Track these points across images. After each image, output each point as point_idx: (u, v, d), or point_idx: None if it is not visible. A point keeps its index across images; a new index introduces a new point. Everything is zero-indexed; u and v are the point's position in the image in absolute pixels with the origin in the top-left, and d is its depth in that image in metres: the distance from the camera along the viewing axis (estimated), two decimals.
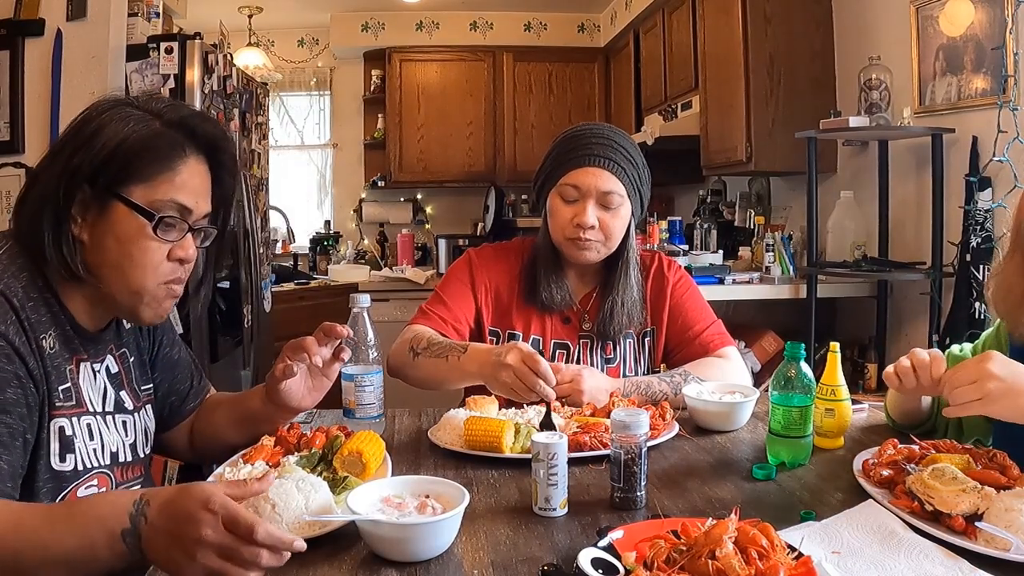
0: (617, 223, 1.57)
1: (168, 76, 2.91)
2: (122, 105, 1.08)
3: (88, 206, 1.04)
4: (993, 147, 2.24)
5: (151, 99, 1.12)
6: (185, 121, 1.10)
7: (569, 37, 5.18)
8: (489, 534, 0.99)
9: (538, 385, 1.30)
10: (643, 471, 1.07)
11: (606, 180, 1.54)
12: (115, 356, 1.18)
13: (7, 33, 2.84)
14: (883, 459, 1.13)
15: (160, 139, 1.06)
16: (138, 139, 1.04)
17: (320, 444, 1.18)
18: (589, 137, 1.57)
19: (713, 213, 3.94)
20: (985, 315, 2.29)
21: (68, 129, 1.07)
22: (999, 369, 1.06)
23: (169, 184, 1.06)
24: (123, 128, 1.04)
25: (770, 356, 2.88)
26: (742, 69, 3.09)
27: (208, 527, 0.80)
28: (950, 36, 2.44)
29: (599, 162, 1.54)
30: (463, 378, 1.48)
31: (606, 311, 1.61)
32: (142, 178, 1.04)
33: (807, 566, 0.81)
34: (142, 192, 1.04)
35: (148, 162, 1.05)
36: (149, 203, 1.05)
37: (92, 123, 1.05)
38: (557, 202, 1.57)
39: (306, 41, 5.33)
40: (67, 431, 1.05)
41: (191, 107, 1.18)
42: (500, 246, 1.75)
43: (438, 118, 5.00)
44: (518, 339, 1.61)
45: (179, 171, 1.07)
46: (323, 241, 5.12)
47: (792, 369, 1.21)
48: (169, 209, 1.06)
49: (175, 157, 1.07)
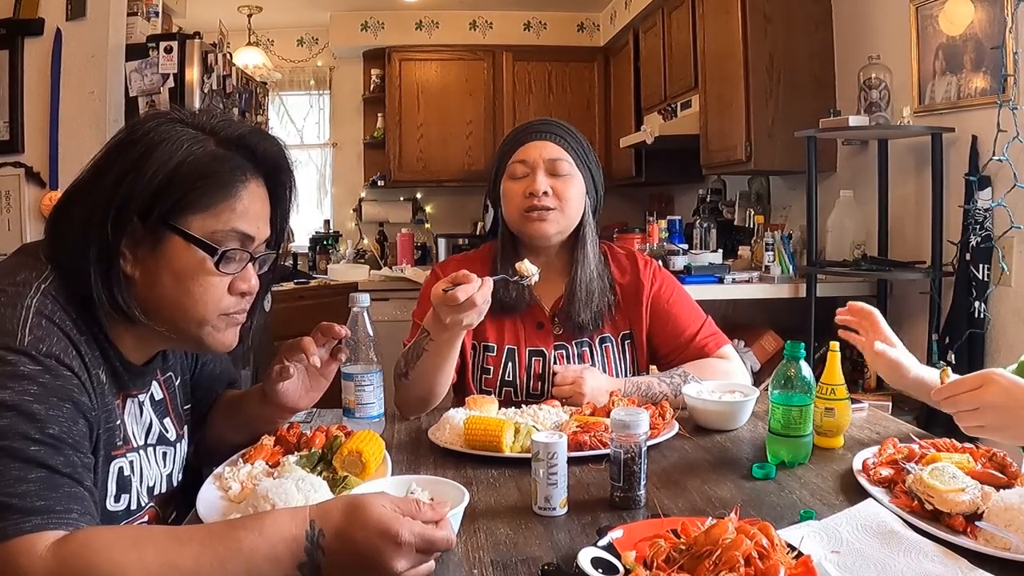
0: (570, 190, 1.56)
1: (167, 75, 2.92)
2: (170, 122, 0.97)
3: (140, 240, 0.94)
4: (993, 146, 2.24)
5: (201, 114, 1.00)
6: (244, 140, 1.00)
7: (569, 36, 5.18)
8: (489, 534, 0.99)
9: (460, 292, 1.26)
10: (643, 470, 1.07)
11: (551, 149, 1.57)
12: (160, 382, 1.12)
13: (7, 32, 2.84)
14: (883, 458, 1.13)
15: (219, 163, 0.96)
16: (195, 163, 0.94)
17: (320, 444, 1.18)
18: (527, 125, 1.64)
19: (713, 212, 3.94)
20: (984, 314, 2.30)
21: (110, 148, 0.96)
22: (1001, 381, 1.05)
23: (231, 212, 0.96)
24: (177, 151, 0.93)
25: (770, 355, 2.88)
26: (742, 68, 3.09)
27: (401, 559, 0.80)
28: (950, 35, 2.44)
29: (541, 136, 1.59)
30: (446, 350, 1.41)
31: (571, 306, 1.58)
32: (201, 207, 0.94)
33: (807, 566, 0.81)
34: (200, 223, 0.95)
35: (207, 190, 0.95)
36: (209, 235, 0.95)
37: (139, 144, 0.94)
38: (508, 183, 1.60)
39: (305, 40, 5.33)
40: (124, 471, 1.00)
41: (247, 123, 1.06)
42: (466, 256, 1.74)
43: (438, 117, 5.00)
44: (492, 351, 1.61)
45: (241, 197, 0.97)
46: (323, 240, 5.12)
47: (792, 368, 1.21)
48: (231, 240, 0.97)
49: (236, 182, 0.97)
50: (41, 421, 0.83)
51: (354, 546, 0.81)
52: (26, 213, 2.90)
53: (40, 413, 0.83)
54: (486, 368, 1.62)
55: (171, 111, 1.01)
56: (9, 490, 0.78)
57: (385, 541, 0.80)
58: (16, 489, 0.78)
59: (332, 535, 0.82)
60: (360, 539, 0.81)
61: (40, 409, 0.83)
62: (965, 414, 1.07)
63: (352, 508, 0.83)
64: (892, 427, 1.43)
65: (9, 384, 0.82)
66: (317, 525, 0.82)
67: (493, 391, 1.61)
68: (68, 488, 0.83)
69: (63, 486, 0.82)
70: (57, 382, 0.86)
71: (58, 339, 0.89)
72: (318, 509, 0.84)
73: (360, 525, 0.81)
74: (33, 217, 2.90)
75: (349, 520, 0.82)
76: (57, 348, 0.88)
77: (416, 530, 0.82)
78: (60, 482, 0.82)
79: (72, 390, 0.88)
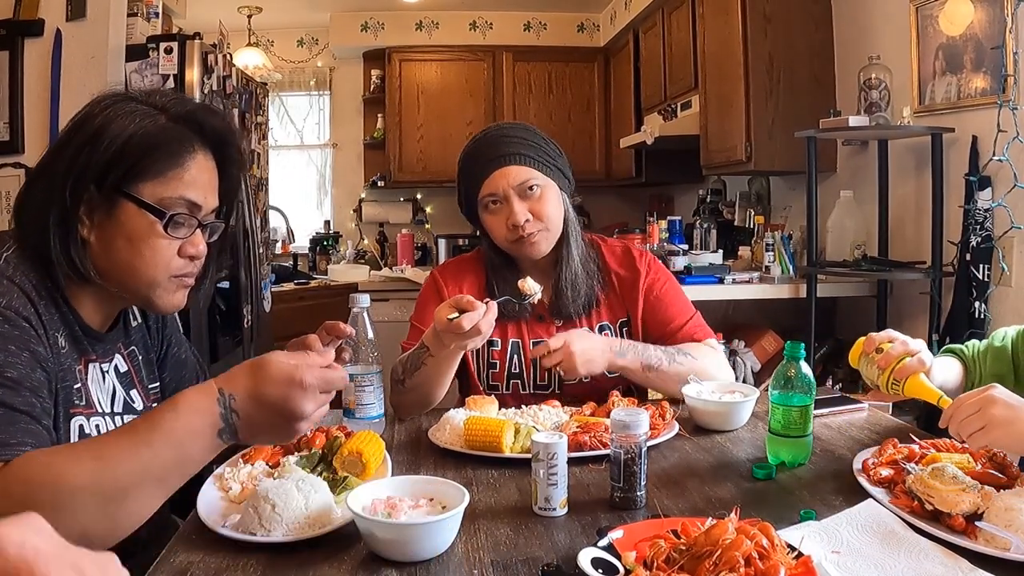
0: (548, 207, 1.56)
1: (167, 76, 2.91)
2: (125, 100, 1.05)
3: (95, 207, 1.01)
4: (993, 146, 2.24)
5: (153, 93, 1.08)
6: (192, 115, 1.07)
7: (569, 37, 5.18)
8: (489, 534, 0.99)
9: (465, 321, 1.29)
10: (643, 471, 1.07)
11: (516, 173, 1.54)
12: (123, 355, 1.17)
13: (7, 33, 2.84)
14: (883, 459, 1.13)
15: (168, 134, 1.04)
16: (145, 135, 1.01)
17: (320, 444, 1.19)
18: (482, 147, 1.58)
19: (713, 213, 3.94)
20: (985, 314, 2.30)
21: (69, 127, 1.04)
22: (1001, 395, 1.05)
23: (179, 181, 1.04)
24: (129, 124, 1.01)
25: (770, 356, 2.88)
26: (742, 69, 3.09)
27: (308, 402, 0.90)
28: (950, 35, 2.44)
29: (501, 161, 1.55)
30: (445, 366, 1.45)
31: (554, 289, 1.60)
32: (151, 175, 1.02)
33: (807, 566, 0.81)
34: (151, 190, 1.02)
35: (157, 159, 1.02)
36: (158, 200, 1.02)
37: (95, 120, 1.02)
38: (487, 216, 1.59)
39: (305, 41, 5.33)
40: (85, 430, 1.04)
41: (196, 100, 1.15)
42: (463, 258, 1.75)
43: (438, 118, 5.00)
44: (496, 345, 1.62)
45: (188, 167, 1.05)
46: (323, 241, 5.12)
47: (792, 368, 1.21)
48: (179, 206, 1.04)
49: (184, 152, 1.05)
50: (0, 364, 0.88)
51: (264, 400, 0.90)
52: None
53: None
54: (492, 363, 1.63)
55: (127, 91, 1.08)
56: None
57: (292, 388, 0.90)
58: None
59: (243, 396, 0.90)
60: (269, 393, 0.90)
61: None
62: (974, 435, 1.05)
63: (255, 367, 0.92)
64: (892, 427, 1.43)
65: None
66: (227, 391, 0.90)
67: (501, 385, 1.62)
68: (24, 424, 0.89)
69: (20, 422, 0.88)
70: (15, 332, 0.93)
71: (18, 295, 0.96)
72: (222, 378, 0.92)
73: (267, 380, 0.90)
74: None
75: (255, 379, 0.90)
76: (17, 303, 0.95)
77: (316, 373, 0.91)
78: (17, 419, 0.88)
79: (30, 340, 0.94)
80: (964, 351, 1.41)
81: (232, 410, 0.89)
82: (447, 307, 1.34)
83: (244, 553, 0.93)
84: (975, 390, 1.09)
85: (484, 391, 1.61)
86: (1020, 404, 1.04)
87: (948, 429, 1.09)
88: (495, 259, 1.64)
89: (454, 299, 1.34)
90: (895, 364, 1.23)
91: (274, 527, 0.95)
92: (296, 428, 0.92)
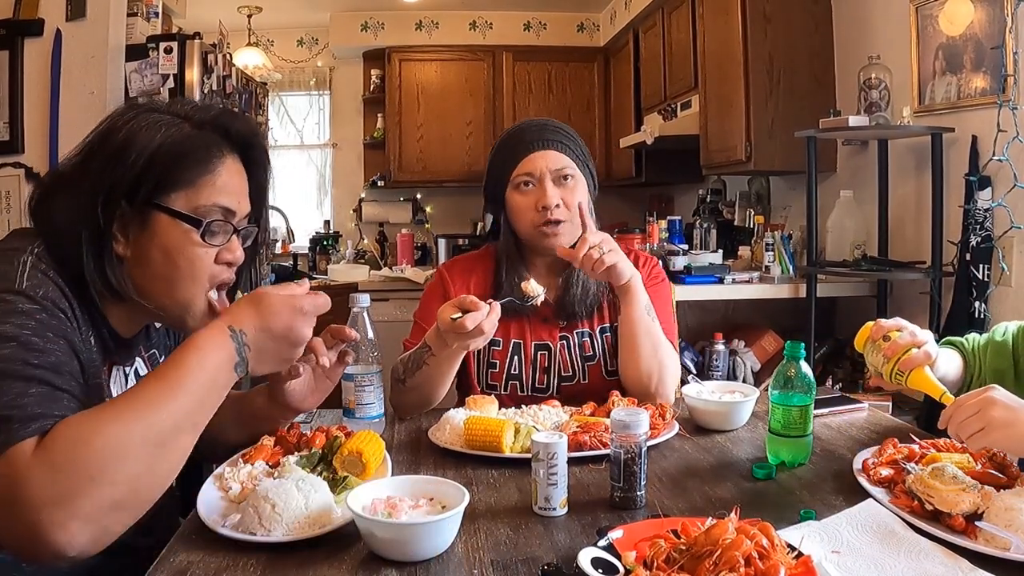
0: (578, 198, 1.58)
1: (167, 76, 2.92)
2: (146, 111, 1.03)
3: (128, 222, 1.00)
4: (993, 146, 2.24)
5: (174, 103, 1.07)
6: (217, 120, 1.06)
7: (568, 37, 5.18)
8: (489, 534, 0.99)
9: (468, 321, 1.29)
10: (643, 471, 1.07)
11: (555, 158, 1.57)
12: (144, 357, 1.17)
13: (7, 33, 2.84)
14: (883, 458, 1.13)
15: (195, 142, 1.02)
16: (172, 145, 1.00)
17: (320, 444, 1.18)
18: (524, 130, 1.62)
19: (713, 212, 3.94)
20: (985, 314, 2.30)
21: (90, 140, 1.01)
22: (1001, 397, 1.05)
23: (211, 187, 1.02)
24: (154, 135, 0.99)
25: (770, 356, 2.88)
26: (741, 68, 3.09)
27: (307, 327, 1.00)
28: (950, 35, 2.44)
29: (543, 145, 1.58)
30: (446, 366, 1.45)
31: (561, 287, 1.61)
32: (182, 185, 1.00)
33: (807, 566, 0.81)
34: (184, 199, 1.01)
35: (186, 167, 1.01)
36: (192, 209, 1.01)
37: (118, 133, 0.99)
38: (515, 196, 1.59)
39: (305, 41, 5.33)
40: None
41: (218, 106, 1.15)
42: (470, 256, 1.75)
43: (438, 118, 5.00)
44: (498, 345, 1.61)
45: (219, 173, 1.04)
46: (323, 241, 5.12)
47: (792, 368, 1.21)
48: (214, 213, 1.03)
49: (212, 159, 1.03)
50: (40, 351, 0.88)
51: (272, 331, 0.98)
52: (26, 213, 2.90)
53: (38, 344, 0.88)
54: (492, 363, 1.62)
55: (147, 101, 1.09)
56: (11, 403, 0.83)
57: (295, 316, 0.99)
58: (17, 402, 0.83)
59: (252, 330, 0.96)
60: (275, 323, 0.98)
61: (38, 341, 0.89)
62: (973, 437, 1.05)
63: (255, 301, 0.98)
64: (892, 427, 1.43)
65: (10, 319, 0.88)
66: (236, 327, 0.95)
67: (499, 385, 1.62)
68: (67, 402, 0.88)
69: (63, 400, 0.88)
70: (53, 320, 0.92)
71: (53, 288, 0.95)
72: (228, 316, 0.98)
73: (272, 313, 0.98)
74: None
75: (260, 313, 0.97)
76: (53, 294, 0.94)
77: (309, 300, 1.01)
78: (60, 396, 0.88)
79: (67, 330, 0.94)
80: (964, 344, 1.40)
81: (244, 344, 0.95)
82: (450, 307, 1.34)
83: (244, 553, 0.93)
84: (974, 391, 1.08)
85: (482, 391, 1.60)
86: (1020, 406, 1.03)
87: (947, 430, 1.09)
88: (508, 253, 1.63)
89: (457, 299, 1.34)
90: (901, 355, 1.22)
91: (274, 527, 0.95)
92: (296, 353, 1.03)
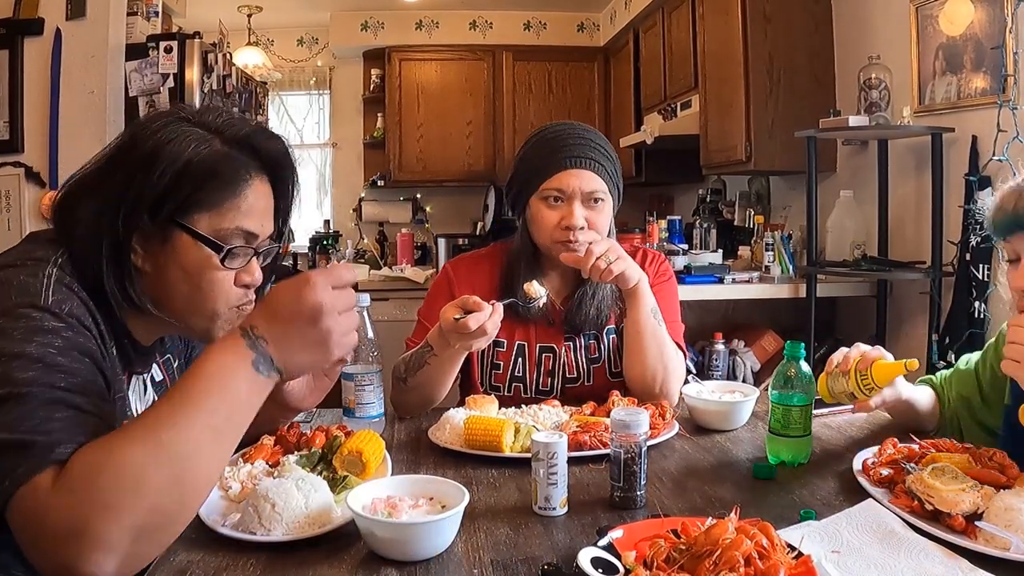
0: (602, 220, 1.56)
1: (167, 75, 2.92)
2: (176, 121, 0.99)
3: (149, 236, 0.97)
4: (993, 146, 2.24)
5: (205, 112, 1.03)
6: (249, 140, 1.03)
7: (568, 36, 5.18)
8: (489, 533, 0.99)
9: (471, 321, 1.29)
10: (643, 470, 1.07)
11: (589, 180, 1.52)
12: (159, 363, 1.17)
13: (7, 32, 2.84)
14: (883, 458, 1.13)
15: (225, 163, 0.99)
16: (201, 163, 0.97)
17: (320, 443, 1.19)
18: (565, 138, 1.55)
19: (713, 212, 3.93)
20: (984, 314, 2.30)
21: (119, 147, 0.99)
22: None
23: (236, 211, 1.00)
24: (184, 150, 0.96)
25: (770, 355, 2.88)
26: (742, 68, 3.09)
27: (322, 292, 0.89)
28: (950, 35, 2.44)
29: (580, 163, 1.52)
30: (448, 366, 1.45)
31: (575, 301, 1.60)
32: (207, 206, 0.98)
33: (807, 566, 0.81)
34: (207, 222, 0.98)
35: (213, 189, 0.98)
36: (215, 232, 0.99)
37: (146, 143, 0.97)
38: (541, 207, 1.55)
39: (305, 40, 5.33)
40: None
41: (251, 122, 1.09)
42: (476, 255, 1.73)
43: (438, 117, 4.99)
44: (502, 346, 1.61)
45: (245, 196, 1.01)
46: (322, 240, 5.11)
47: (792, 368, 1.21)
48: (236, 238, 1.00)
49: (240, 181, 1.00)
50: (66, 371, 0.86)
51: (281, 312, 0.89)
52: (26, 213, 2.90)
53: (64, 364, 0.86)
54: (496, 364, 1.62)
55: (177, 110, 1.03)
56: (35, 428, 0.81)
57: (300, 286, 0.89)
58: (42, 427, 0.81)
59: (261, 321, 0.89)
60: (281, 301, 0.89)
61: (64, 361, 0.86)
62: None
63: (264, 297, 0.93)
64: (892, 427, 1.43)
65: (35, 338, 0.86)
66: (246, 325, 0.89)
67: (503, 386, 1.61)
68: (92, 425, 0.85)
69: (88, 423, 0.85)
70: (79, 338, 0.90)
71: (77, 304, 0.93)
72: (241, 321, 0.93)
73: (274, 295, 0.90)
74: (33, 217, 2.90)
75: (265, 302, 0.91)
76: (78, 311, 0.92)
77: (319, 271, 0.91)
78: (85, 419, 0.85)
79: (92, 348, 0.92)
80: (934, 379, 1.44)
81: (257, 337, 0.88)
82: (453, 307, 1.34)
83: (244, 552, 0.93)
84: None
85: (485, 392, 1.60)
86: None
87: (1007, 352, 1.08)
88: (523, 257, 1.60)
89: (460, 300, 1.34)
90: (855, 364, 1.25)
91: (274, 526, 0.95)
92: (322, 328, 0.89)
